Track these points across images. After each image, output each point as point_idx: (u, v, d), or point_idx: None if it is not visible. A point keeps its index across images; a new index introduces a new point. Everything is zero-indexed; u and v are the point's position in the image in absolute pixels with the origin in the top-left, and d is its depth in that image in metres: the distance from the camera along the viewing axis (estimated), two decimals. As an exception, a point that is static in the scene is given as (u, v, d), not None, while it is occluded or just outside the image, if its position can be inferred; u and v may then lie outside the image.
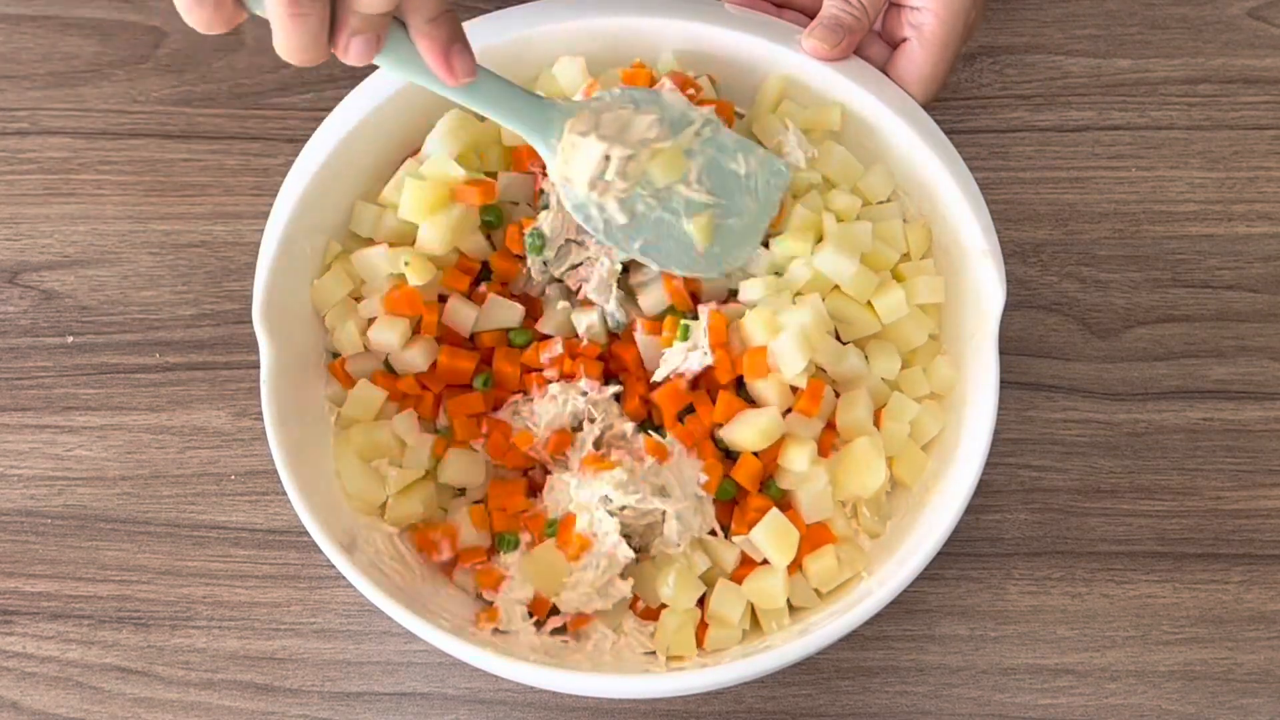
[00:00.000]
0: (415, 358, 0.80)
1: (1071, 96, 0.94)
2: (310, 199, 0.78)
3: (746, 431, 0.77)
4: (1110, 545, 0.85)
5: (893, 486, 0.80)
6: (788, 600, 0.78)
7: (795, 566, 0.78)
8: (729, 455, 0.79)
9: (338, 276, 0.80)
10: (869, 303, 0.79)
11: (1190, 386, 0.88)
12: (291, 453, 0.75)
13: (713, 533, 0.78)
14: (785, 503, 0.79)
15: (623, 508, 0.76)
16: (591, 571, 0.77)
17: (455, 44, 0.68)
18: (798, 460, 0.77)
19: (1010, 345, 0.76)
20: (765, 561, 0.78)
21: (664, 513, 0.77)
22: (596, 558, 0.77)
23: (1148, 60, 0.95)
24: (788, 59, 0.81)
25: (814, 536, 0.78)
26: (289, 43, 0.64)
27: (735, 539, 0.78)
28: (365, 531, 0.77)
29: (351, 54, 0.66)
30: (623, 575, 0.77)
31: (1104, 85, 0.94)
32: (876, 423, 0.79)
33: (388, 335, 0.79)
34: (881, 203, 0.82)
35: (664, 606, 0.78)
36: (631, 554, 0.77)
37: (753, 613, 0.78)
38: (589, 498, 0.76)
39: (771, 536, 0.76)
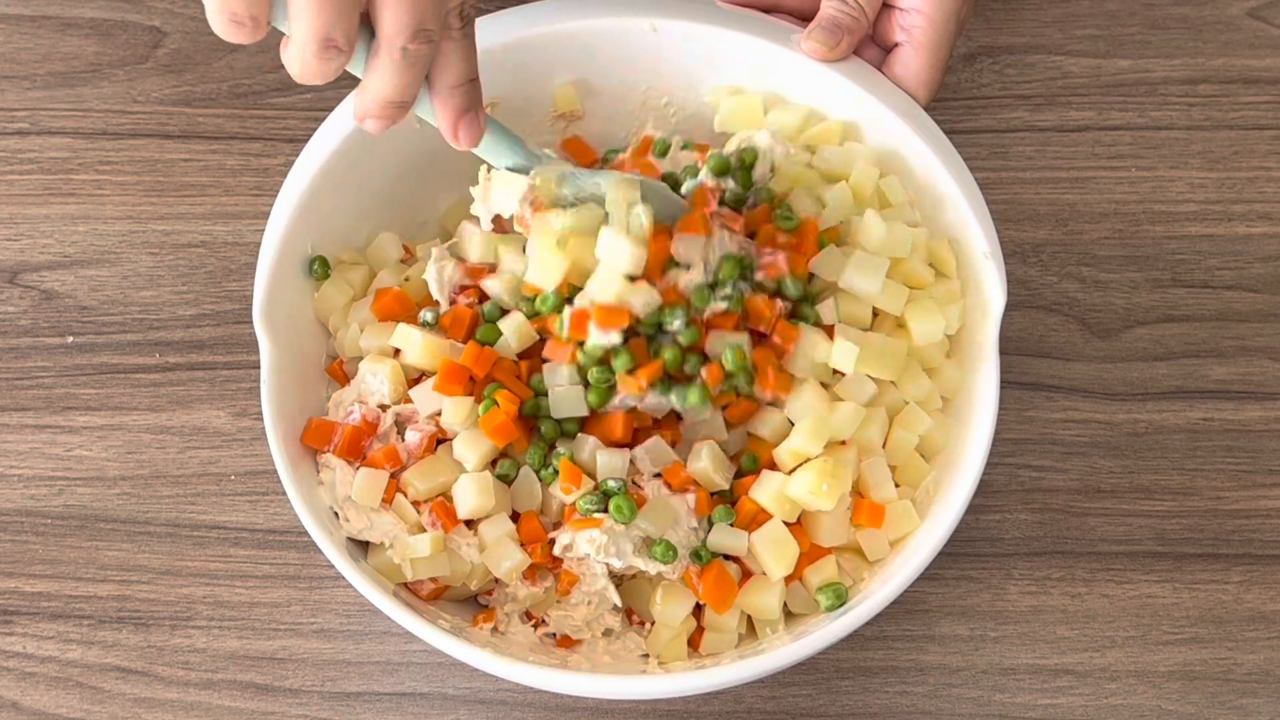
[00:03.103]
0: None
1: (1071, 96, 0.94)
2: (311, 200, 0.78)
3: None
4: (1110, 545, 0.85)
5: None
6: (786, 607, 0.77)
7: (795, 577, 0.77)
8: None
9: (338, 284, 0.81)
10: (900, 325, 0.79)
11: (1190, 386, 0.88)
12: (291, 453, 0.75)
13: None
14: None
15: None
16: (582, 608, 0.77)
17: (467, 114, 0.68)
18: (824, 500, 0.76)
19: (1010, 345, 0.76)
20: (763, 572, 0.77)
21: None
22: (587, 595, 0.77)
23: (1148, 60, 0.95)
24: (786, 59, 0.81)
25: (816, 549, 0.78)
26: (306, 70, 0.64)
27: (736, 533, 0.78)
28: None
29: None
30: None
31: (1104, 85, 0.94)
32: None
33: (377, 343, 0.79)
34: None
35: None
36: (618, 601, 0.76)
37: (749, 618, 0.78)
38: (574, 546, 0.76)
39: (772, 547, 0.75)
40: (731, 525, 0.76)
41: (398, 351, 0.79)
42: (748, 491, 0.77)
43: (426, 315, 0.79)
